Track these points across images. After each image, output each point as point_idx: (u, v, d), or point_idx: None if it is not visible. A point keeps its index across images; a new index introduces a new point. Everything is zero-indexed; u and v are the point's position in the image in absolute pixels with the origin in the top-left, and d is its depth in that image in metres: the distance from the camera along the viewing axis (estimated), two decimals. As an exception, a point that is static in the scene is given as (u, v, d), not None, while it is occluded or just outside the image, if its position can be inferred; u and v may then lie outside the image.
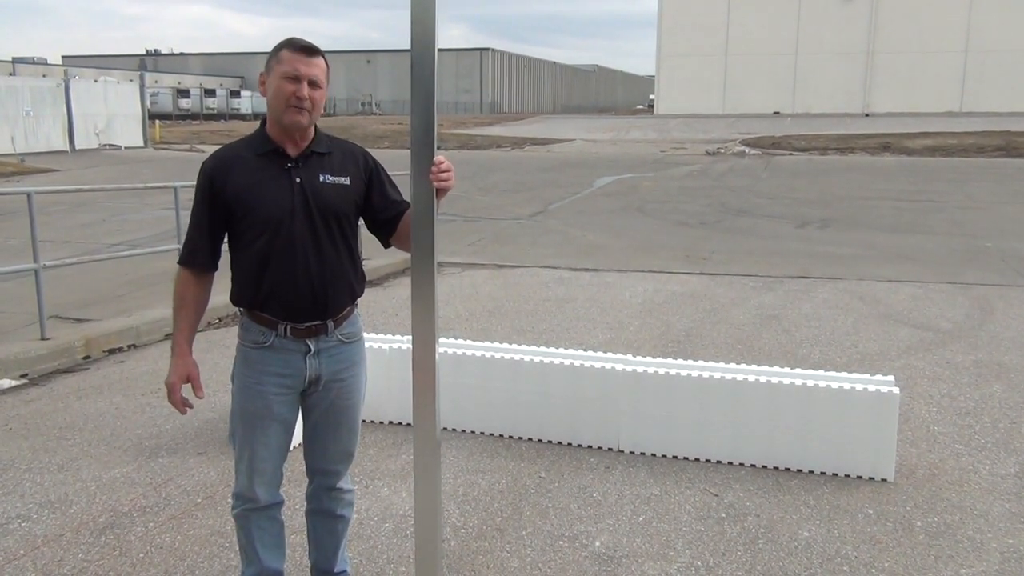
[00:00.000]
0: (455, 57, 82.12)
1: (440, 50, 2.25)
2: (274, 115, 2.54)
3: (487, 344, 4.87)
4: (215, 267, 2.67)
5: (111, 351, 6.46)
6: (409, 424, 4.81)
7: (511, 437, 4.64)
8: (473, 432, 4.70)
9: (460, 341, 4.96)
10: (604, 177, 21.29)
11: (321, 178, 2.57)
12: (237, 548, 2.91)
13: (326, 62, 2.56)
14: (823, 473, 4.15)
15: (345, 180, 2.61)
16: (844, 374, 4.33)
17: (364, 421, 2.95)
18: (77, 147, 30.03)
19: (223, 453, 4.39)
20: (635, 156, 28.46)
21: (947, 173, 21.71)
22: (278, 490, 2.75)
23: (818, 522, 3.70)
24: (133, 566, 3.34)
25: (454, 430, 4.73)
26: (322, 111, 2.59)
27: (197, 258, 2.62)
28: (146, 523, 3.68)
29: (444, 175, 2.34)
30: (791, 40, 54.39)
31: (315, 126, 2.62)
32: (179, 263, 2.65)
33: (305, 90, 2.49)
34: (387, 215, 2.69)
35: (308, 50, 2.51)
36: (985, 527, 3.65)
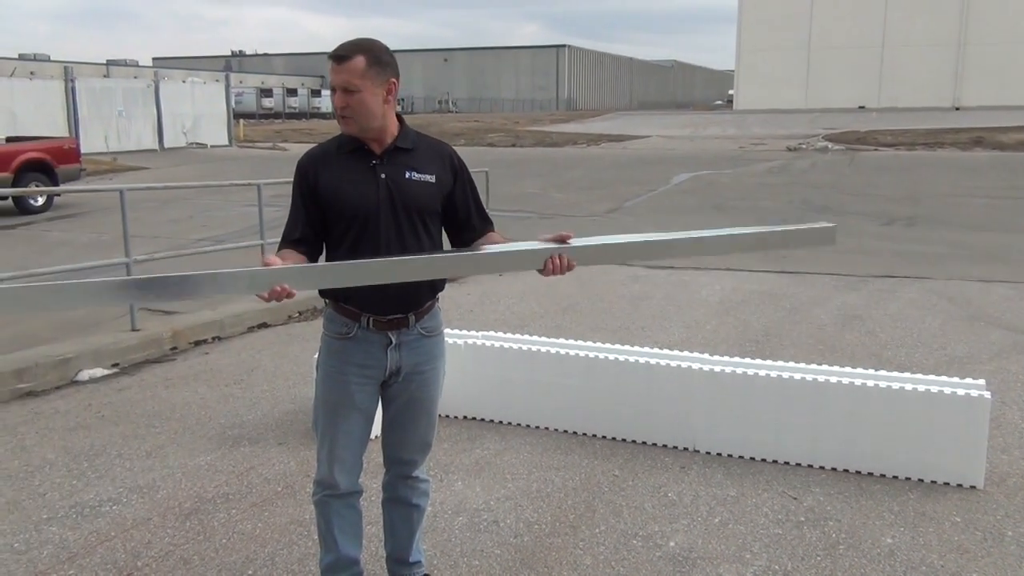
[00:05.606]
0: (531, 54, 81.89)
1: (516, 47, 2.22)
2: None
3: (561, 341, 4.87)
4: (310, 248, 2.60)
5: (197, 343, 6.67)
6: (483, 419, 4.85)
7: (585, 434, 4.62)
8: (547, 428, 4.71)
9: (535, 338, 4.96)
10: (681, 174, 21.00)
11: (407, 175, 2.59)
12: (316, 536, 2.98)
13: (370, 59, 2.46)
14: (908, 478, 4.02)
15: (431, 177, 2.63)
16: (932, 377, 4.18)
17: (439, 415, 2.97)
18: (166, 146, 31.04)
19: (303, 444, 4.49)
20: (713, 152, 28.01)
21: (1044, 169, 20.75)
22: (357, 479, 2.80)
23: (902, 529, 3.58)
24: (216, 551, 3.45)
25: (528, 426, 4.74)
26: (375, 111, 2.50)
27: (292, 235, 2.59)
28: (229, 510, 3.80)
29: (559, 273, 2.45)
30: (877, 32, 52.77)
31: (402, 121, 2.63)
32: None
33: (341, 99, 2.50)
34: (456, 224, 2.72)
35: (338, 57, 2.48)
36: (1083, 539, 3.48)
